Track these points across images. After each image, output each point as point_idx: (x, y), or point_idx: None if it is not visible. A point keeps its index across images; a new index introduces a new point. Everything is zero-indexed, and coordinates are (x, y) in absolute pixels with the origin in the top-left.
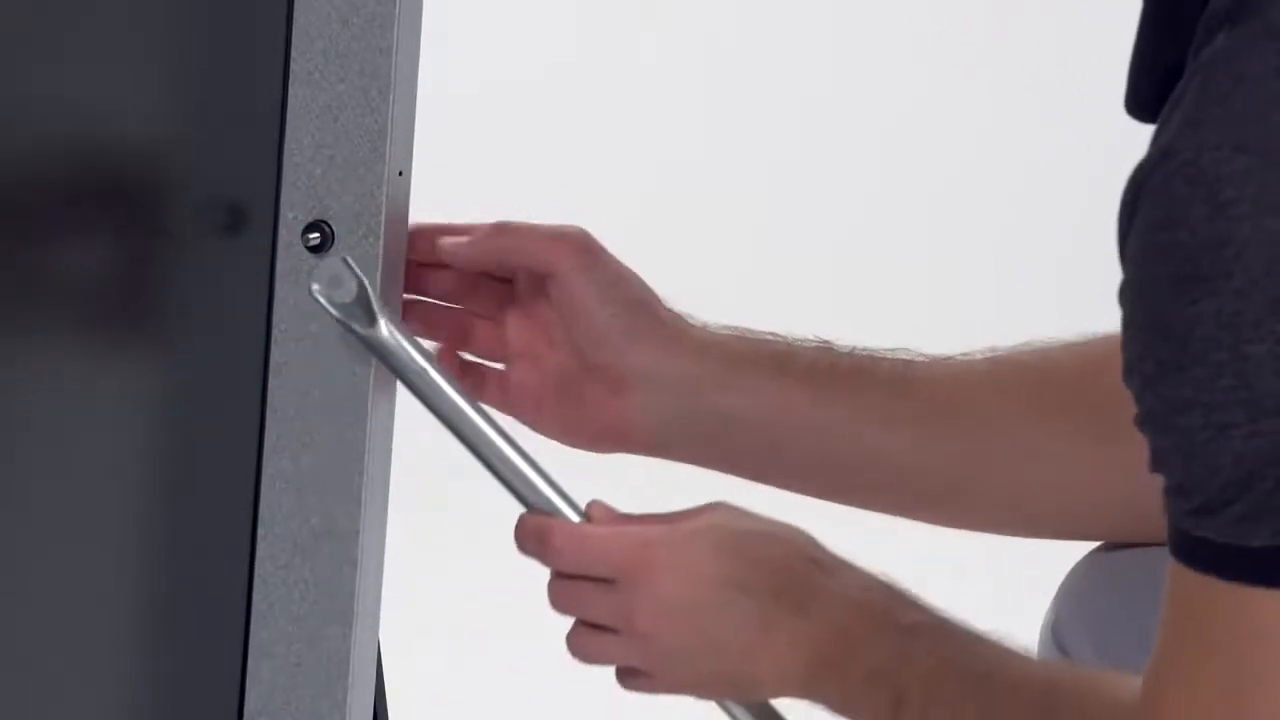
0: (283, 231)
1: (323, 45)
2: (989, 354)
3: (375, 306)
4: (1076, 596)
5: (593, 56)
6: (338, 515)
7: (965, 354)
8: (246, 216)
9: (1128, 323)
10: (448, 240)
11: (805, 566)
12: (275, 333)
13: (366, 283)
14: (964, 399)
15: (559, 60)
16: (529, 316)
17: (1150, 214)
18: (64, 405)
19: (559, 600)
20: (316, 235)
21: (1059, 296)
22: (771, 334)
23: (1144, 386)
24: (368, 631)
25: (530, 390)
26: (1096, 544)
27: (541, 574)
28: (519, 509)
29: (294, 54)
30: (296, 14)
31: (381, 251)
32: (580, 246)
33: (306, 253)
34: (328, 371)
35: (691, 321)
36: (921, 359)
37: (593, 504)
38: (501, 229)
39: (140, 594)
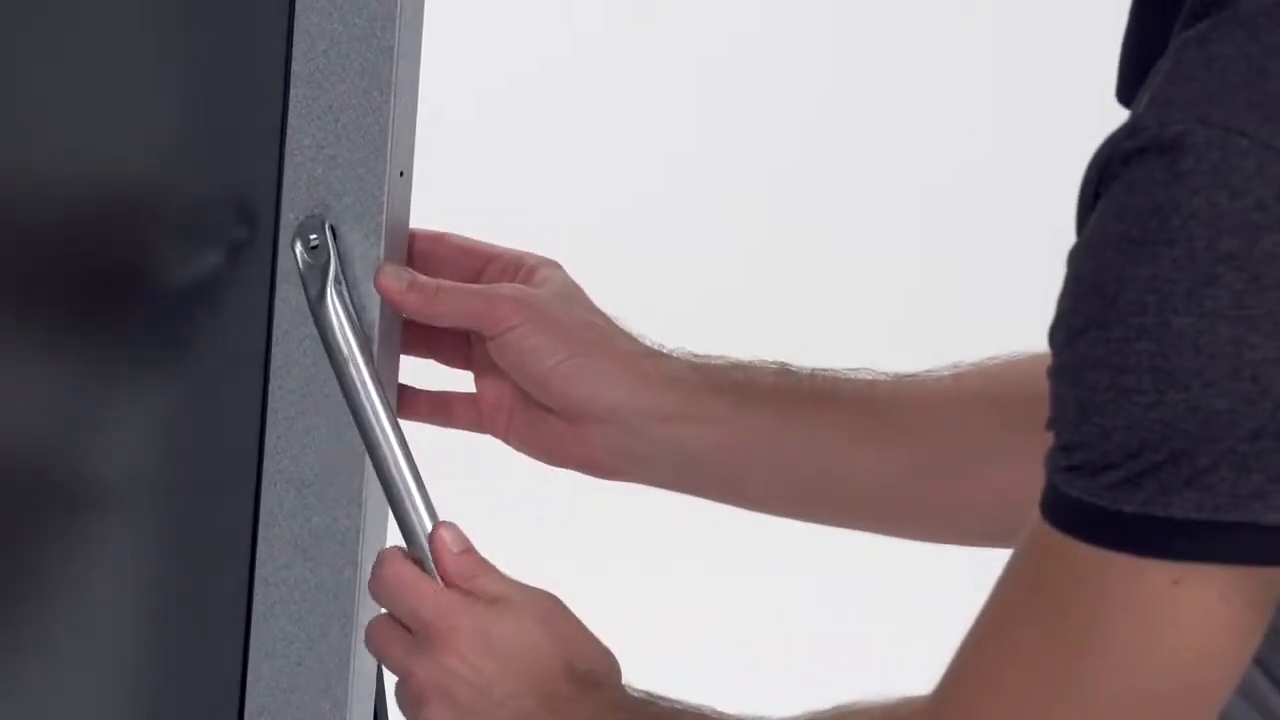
0: (284, 232)
1: (324, 45)
2: (953, 370)
3: (330, 278)
4: None
5: (594, 57)
6: (338, 515)
7: (930, 371)
8: (248, 217)
9: (1068, 279)
10: (388, 294)
11: (567, 677)
12: (276, 333)
13: (334, 254)
14: (927, 417)
15: (561, 61)
16: (486, 361)
17: (1116, 183)
18: (64, 406)
19: (368, 632)
20: (317, 236)
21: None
22: (731, 361)
23: (1066, 341)
24: None
25: (502, 409)
26: None
27: (540, 575)
28: (519, 510)
29: (295, 54)
30: (298, 14)
31: (382, 253)
32: (516, 304)
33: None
34: (328, 372)
35: (650, 351)
36: (884, 378)
37: (440, 529)
38: (436, 295)
39: (142, 594)
